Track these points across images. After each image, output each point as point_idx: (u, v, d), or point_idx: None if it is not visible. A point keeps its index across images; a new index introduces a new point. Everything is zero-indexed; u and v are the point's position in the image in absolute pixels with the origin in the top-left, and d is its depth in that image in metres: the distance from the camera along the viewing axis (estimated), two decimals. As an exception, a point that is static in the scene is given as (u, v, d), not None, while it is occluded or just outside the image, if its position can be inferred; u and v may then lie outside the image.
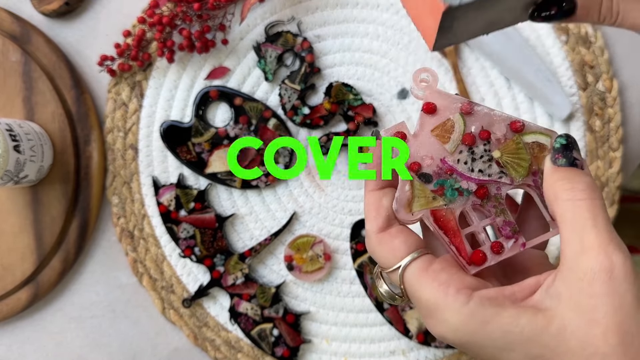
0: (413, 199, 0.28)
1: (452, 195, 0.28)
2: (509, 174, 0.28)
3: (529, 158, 0.28)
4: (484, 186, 0.28)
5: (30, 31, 0.51)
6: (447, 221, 0.28)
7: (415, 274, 0.26)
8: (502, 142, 0.28)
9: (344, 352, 0.51)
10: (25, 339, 0.53)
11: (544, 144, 0.28)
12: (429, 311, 0.26)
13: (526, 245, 0.28)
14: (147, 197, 0.52)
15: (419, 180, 0.28)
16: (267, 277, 0.52)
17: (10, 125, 0.45)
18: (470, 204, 0.28)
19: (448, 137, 0.28)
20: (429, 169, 0.28)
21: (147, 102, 0.52)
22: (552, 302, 0.24)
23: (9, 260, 0.50)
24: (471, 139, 0.28)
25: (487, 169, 0.28)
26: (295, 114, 0.50)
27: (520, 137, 0.28)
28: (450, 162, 0.28)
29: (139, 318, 0.53)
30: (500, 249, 0.28)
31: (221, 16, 0.50)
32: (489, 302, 0.24)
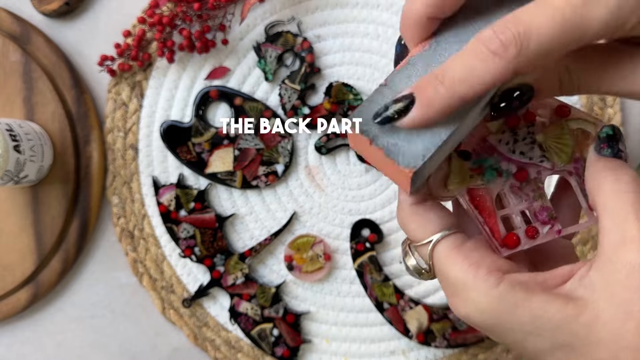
0: (450, 175, 0.27)
1: (490, 176, 0.27)
2: (550, 159, 0.27)
3: (573, 144, 0.27)
4: (524, 169, 0.27)
5: (30, 31, 0.51)
6: (483, 201, 0.27)
7: (446, 250, 0.26)
8: (546, 125, 0.27)
9: (344, 352, 0.51)
10: (25, 339, 0.53)
11: (588, 131, 0.27)
12: (456, 290, 0.25)
13: (562, 233, 0.27)
14: (147, 197, 0.52)
15: (458, 157, 0.27)
16: (267, 277, 0.52)
17: (11, 125, 0.45)
18: (509, 186, 0.27)
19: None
20: (469, 146, 0.27)
21: (147, 102, 0.52)
22: (586, 292, 0.23)
23: (8, 260, 0.50)
24: (515, 121, 0.27)
25: (529, 151, 0.27)
26: (295, 114, 0.50)
27: (565, 122, 0.27)
28: (492, 141, 0.27)
29: (139, 318, 0.53)
30: (535, 233, 0.27)
31: (221, 16, 0.50)
32: (520, 287, 0.24)
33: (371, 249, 0.51)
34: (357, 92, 0.50)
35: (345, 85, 0.50)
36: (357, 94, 0.50)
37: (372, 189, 0.52)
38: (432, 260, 0.26)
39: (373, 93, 0.25)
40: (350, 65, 0.51)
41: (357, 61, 0.51)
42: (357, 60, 0.51)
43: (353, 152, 0.51)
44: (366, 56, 0.51)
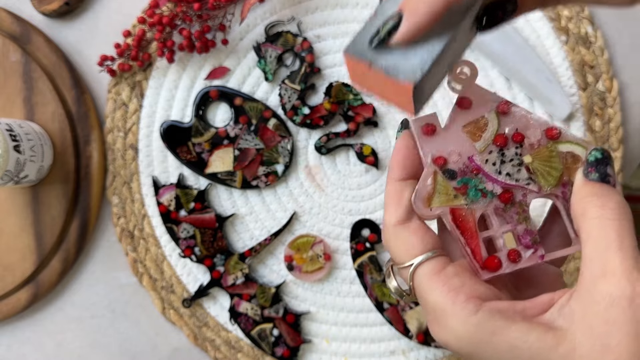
0: (434, 194, 0.27)
1: (474, 196, 0.27)
2: (537, 182, 0.27)
3: (561, 168, 0.27)
4: (509, 190, 0.27)
5: (30, 31, 0.51)
6: (466, 222, 0.27)
7: (426, 275, 0.26)
8: (535, 147, 0.27)
9: (344, 352, 0.51)
10: (25, 339, 0.53)
11: (578, 155, 0.27)
12: (435, 316, 0.25)
13: (545, 258, 0.27)
14: (147, 197, 0.52)
15: (443, 175, 0.27)
16: (267, 277, 0.52)
17: (11, 125, 0.45)
18: (493, 208, 0.27)
19: (480, 135, 0.27)
20: (455, 166, 0.27)
21: (147, 102, 0.52)
22: (565, 322, 0.23)
23: (9, 260, 0.50)
24: (503, 140, 0.27)
25: (516, 173, 0.27)
26: (295, 114, 0.50)
27: (555, 145, 0.27)
28: (478, 161, 0.27)
29: (139, 318, 0.53)
30: (517, 257, 0.27)
31: (221, 16, 0.50)
32: (499, 315, 0.23)
33: (371, 249, 0.51)
34: (357, 92, 0.50)
35: (345, 85, 0.50)
36: (357, 94, 0.50)
37: (372, 189, 0.52)
38: (413, 283, 0.26)
39: (364, 25, 0.25)
40: (350, 65, 0.51)
41: (357, 61, 0.51)
42: (357, 60, 0.51)
43: (353, 152, 0.51)
44: (366, 56, 0.51)
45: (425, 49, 0.24)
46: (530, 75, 0.49)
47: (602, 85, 0.50)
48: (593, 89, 0.51)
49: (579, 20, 0.51)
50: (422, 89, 0.24)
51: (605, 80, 0.50)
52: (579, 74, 0.50)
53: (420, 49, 0.24)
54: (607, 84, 0.50)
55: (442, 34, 0.24)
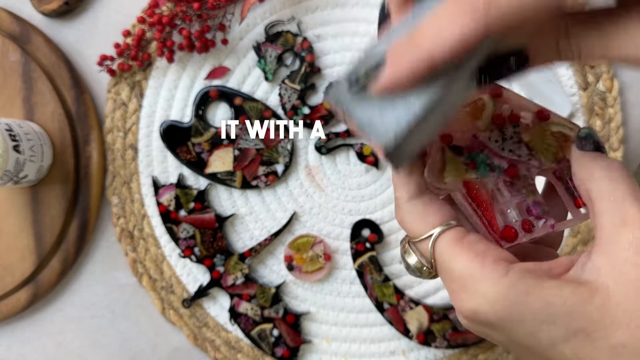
0: (445, 168, 0.26)
1: (484, 169, 0.27)
2: (537, 157, 0.27)
3: (556, 145, 0.28)
4: (515, 165, 0.27)
5: (29, 31, 0.51)
6: (480, 194, 0.26)
7: (449, 243, 0.25)
8: (530, 127, 0.28)
9: (344, 352, 0.51)
10: (25, 339, 0.53)
11: (568, 134, 0.28)
12: (462, 283, 0.24)
13: (555, 227, 0.27)
14: (146, 197, 0.52)
15: (450, 151, 0.27)
16: (267, 277, 0.52)
17: (10, 125, 0.45)
18: (502, 181, 0.27)
19: (480, 114, 0.27)
20: (461, 142, 0.27)
21: (147, 102, 0.52)
22: (592, 276, 0.23)
23: (8, 261, 0.50)
24: (502, 120, 0.27)
25: (517, 149, 0.27)
26: (295, 114, 0.50)
27: (546, 125, 0.28)
28: (482, 139, 0.27)
29: (139, 318, 0.53)
30: (531, 227, 0.27)
31: (221, 16, 0.50)
32: (530, 274, 0.23)
33: (371, 249, 0.51)
34: (357, 92, 0.50)
35: (345, 85, 0.50)
36: (357, 93, 0.50)
37: (372, 189, 0.51)
38: (434, 255, 0.25)
39: (352, 64, 0.23)
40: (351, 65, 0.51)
41: (357, 61, 0.51)
42: (357, 60, 0.51)
43: (353, 152, 0.51)
44: (366, 56, 0.51)
45: (406, 105, 0.21)
46: (530, 75, 0.49)
47: (603, 85, 0.50)
48: (593, 88, 0.50)
49: (579, 20, 0.51)
50: (399, 151, 0.22)
51: (606, 80, 0.50)
52: (579, 73, 0.50)
53: (400, 105, 0.21)
54: (608, 83, 0.50)
55: (428, 89, 0.21)
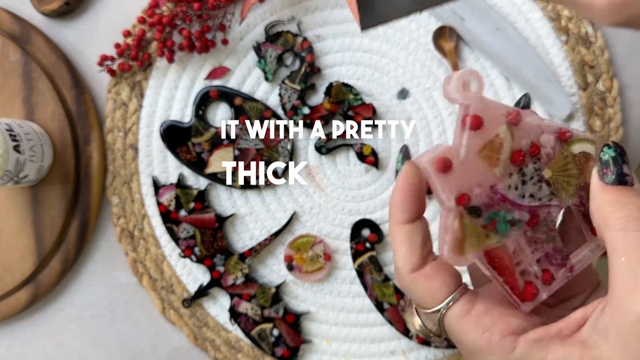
0: (466, 239, 0.24)
1: (505, 229, 0.24)
2: (559, 195, 0.25)
3: (577, 173, 0.25)
4: (535, 213, 0.25)
5: (30, 31, 0.51)
6: (501, 260, 0.25)
7: (456, 318, 0.25)
8: (551, 157, 0.25)
9: (344, 352, 0.51)
10: (25, 339, 0.53)
11: (589, 153, 0.25)
12: (472, 354, 0.25)
13: (574, 270, 0.26)
14: (147, 197, 0.52)
15: (470, 215, 0.24)
16: (267, 277, 0.52)
17: (10, 125, 0.45)
18: (524, 237, 0.25)
19: (497, 158, 0.24)
20: (478, 200, 0.24)
21: (147, 102, 0.52)
22: (600, 339, 0.23)
23: (8, 261, 0.50)
24: (522, 157, 0.24)
25: (538, 192, 0.25)
26: (295, 114, 0.50)
27: (568, 148, 0.25)
28: (501, 190, 0.24)
29: (139, 318, 0.53)
30: (551, 279, 0.25)
31: (221, 16, 0.50)
32: (537, 345, 0.23)
33: (371, 249, 0.51)
34: (357, 92, 0.50)
35: (345, 85, 0.50)
36: (357, 93, 0.50)
37: (372, 189, 0.52)
38: (444, 326, 0.25)
39: None
40: (350, 65, 0.51)
41: (357, 61, 0.51)
42: (357, 60, 0.51)
43: (353, 152, 0.51)
44: (366, 56, 0.51)
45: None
46: (530, 75, 0.49)
47: (602, 85, 0.50)
48: (593, 89, 0.51)
49: (579, 20, 0.51)
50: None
51: (606, 80, 0.50)
52: (579, 74, 0.50)
53: None
54: (607, 84, 0.50)
55: None
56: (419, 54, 0.51)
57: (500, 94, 0.51)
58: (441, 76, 0.51)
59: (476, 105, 0.24)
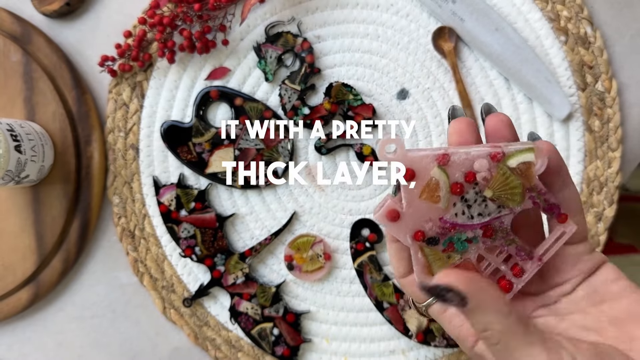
0: (430, 264, 0.28)
1: (463, 247, 0.28)
2: (507, 206, 0.28)
3: (520, 182, 0.27)
4: (488, 226, 0.28)
5: (31, 31, 0.51)
6: (468, 270, 0.28)
7: (436, 314, 0.30)
8: (489, 179, 0.27)
9: (344, 351, 0.52)
10: (26, 339, 0.53)
11: (528, 161, 0.27)
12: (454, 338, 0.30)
13: (543, 259, 0.29)
14: (147, 197, 0.52)
15: (428, 246, 0.28)
16: (268, 276, 0.52)
17: (12, 126, 0.45)
18: (483, 247, 0.28)
19: (437, 195, 0.27)
20: (432, 232, 0.28)
21: (148, 102, 0.52)
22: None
23: (9, 260, 0.50)
24: (460, 188, 0.27)
25: (485, 209, 0.28)
26: (295, 114, 0.50)
27: (504, 165, 0.27)
28: (449, 219, 0.27)
29: (140, 318, 0.53)
30: (521, 272, 0.29)
31: (221, 17, 0.50)
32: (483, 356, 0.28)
33: (371, 248, 0.51)
34: (357, 92, 0.50)
35: (345, 85, 0.50)
36: (357, 94, 0.50)
37: (372, 189, 0.52)
38: (429, 315, 0.32)
39: None
40: (350, 65, 0.51)
41: (357, 62, 0.51)
42: (357, 60, 0.51)
43: (353, 152, 0.51)
44: (366, 57, 0.51)
45: None
46: (529, 76, 0.50)
47: (601, 85, 0.51)
48: (592, 89, 0.51)
49: (578, 20, 0.51)
50: None
51: (605, 81, 0.51)
52: (578, 74, 0.51)
53: None
54: (606, 84, 0.51)
55: None
56: (418, 54, 0.51)
57: (500, 94, 0.51)
58: (441, 76, 0.51)
59: (404, 162, 0.27)
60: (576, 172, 0.51)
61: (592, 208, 0.51)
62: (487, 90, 0.51)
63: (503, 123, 0.28)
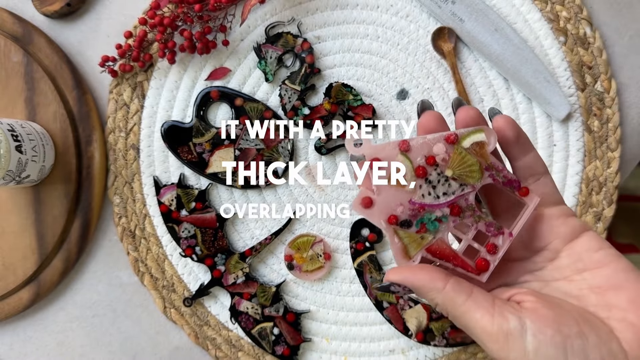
0: (406, 247, 0.30)
1: (434, 227, 0.30)
2: (468, 183, 0.30)
3: (476, 160, 0.30)
4: (455, 204, 0.30)
5: (32, 32, 0.51)
6: (443, 250, 0.30)
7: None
8: (447, 160, 0.29)
9: (343, 350, 0.52)
10: (27, 338, 0.53)
11: (481, 141, 0.29)
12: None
13: (513, 233, 0.30)
14: (148, 196, 0.52)
15: (402, 228, 0.30)
16: (268, 276, 0.52)
17: (12, 126, 0.45)
18: (453, 225, 0.30)
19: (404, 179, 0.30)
20: (404, 215, 0.30)
21: (149, 102, 0.52)
22: None
23: (10, 260, 0.51)
24: (422, 170, 0.29)
25: (448, 188, 0.30)
26: (295, 115, 0.50)
27: (459, 146, 0.29)
28: (417, 200, 0.30)
29: (140, 317, 0.53)
30: (494, 248, 0.30)
31: (222, 17, 0.50)
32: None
33: (371, 248, 0.51)
34: (357, 92, 0.50)
35: (345, 85, 0.50)
36: (357, 94, 0.50)
37: (371, 189, 0.52)
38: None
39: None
40: (350, 66, 0.52)
41: (357, 62, 0.52)
42: (357, 61, 0.52)
43: (353, 152, 0.51)
44: (366, 57, 0.51)
45: None
46: (528, 76, 0.50)
47: (601, 85, 0.51)
48: (591, 89, 0.51)
49: (577, 21, 0.51)
50: None
51: (604, 81, 0.51)
52: (577, 74, 0.51)
53: None
54: (606, 84, 0.51)
55: None
56: (418, 54, 0.51)
57: (499, 94, 0.51)
58: (440, 77, 0.51)
59: (369, 152, 0.30)
60: (575, 172, 0.51)
61: (591, 208, 0.51)
62: (486, 91, 0.51)
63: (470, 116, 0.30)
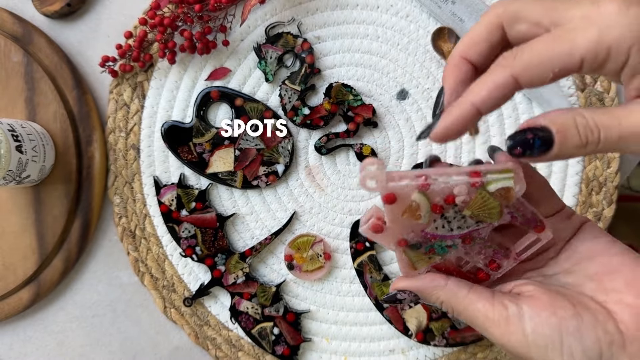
0: (413, 263, 0.31)
1: (443, 252, 0.30)
2: (485, 221, 0.29)
3: (498, 203, 0.28)
4: (467, 236, 0.30)
5: (32, 32, 0.51)
6: (448, 268, 0.31)
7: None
8: (467, 201, 0.28)
9: (343, 350, 0.52)
10: (27, 338, 0.53)
11: (508, 186, 0.27)
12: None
13: (521, 256, 0.31)
14: (148, 197, 0.52)
15: (411, 249, 0.30)
16: (268, 276, 0.52)
17: (13, 126, 0.45)
18: (462, 252, 0.31)
19: (419, 214, 0.29)
20: (414, 240, 0.30)
21: (149, 102, 0.52)
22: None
23: (10, 260, 0.51)
24: (440, 208, 0.28)
25: (464, 224, 0.29)
26: (295, 115, 0.50)
27: (483, 190, 0.28)
28: (431, 232, 0.29)
29: (140, 317, 0.53)
30: (497, 267, 0.31)
31: (222, 17, 0.50)
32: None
33: (371, 248, 0.51)
34: (357, 92, 0.51)
35: (345, 85, 0.50)
36: (357, 94, 0.51)
37: (371, 189, 0.52)
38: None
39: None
40: (350, 66, 0.52)
41: (357, 62, 0.52)
42: (357, 61, 0.52)
43: (353, 152, 0.51)
44: (366, 57, 0.52)
45: None
46: (528, 76, 0.50)
47: (600, 85, 0.51)
48: (591, 89, 0.51)
49: (577, 21, 0.51)
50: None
51: (604, 81, 0.51)
52: (577, 74, 0.51)
53: None
54: (605, 84, 0.51)
55: None
56: (418, 55, 0.51)
57: (499, 94, 0.51)
58: (440, 77, 0.51)
59: (383, 188, 0.28)
60: (575, 172, 0.51)
61: (591, 208, 0.51)
62: (486, 91, 0.51)
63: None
